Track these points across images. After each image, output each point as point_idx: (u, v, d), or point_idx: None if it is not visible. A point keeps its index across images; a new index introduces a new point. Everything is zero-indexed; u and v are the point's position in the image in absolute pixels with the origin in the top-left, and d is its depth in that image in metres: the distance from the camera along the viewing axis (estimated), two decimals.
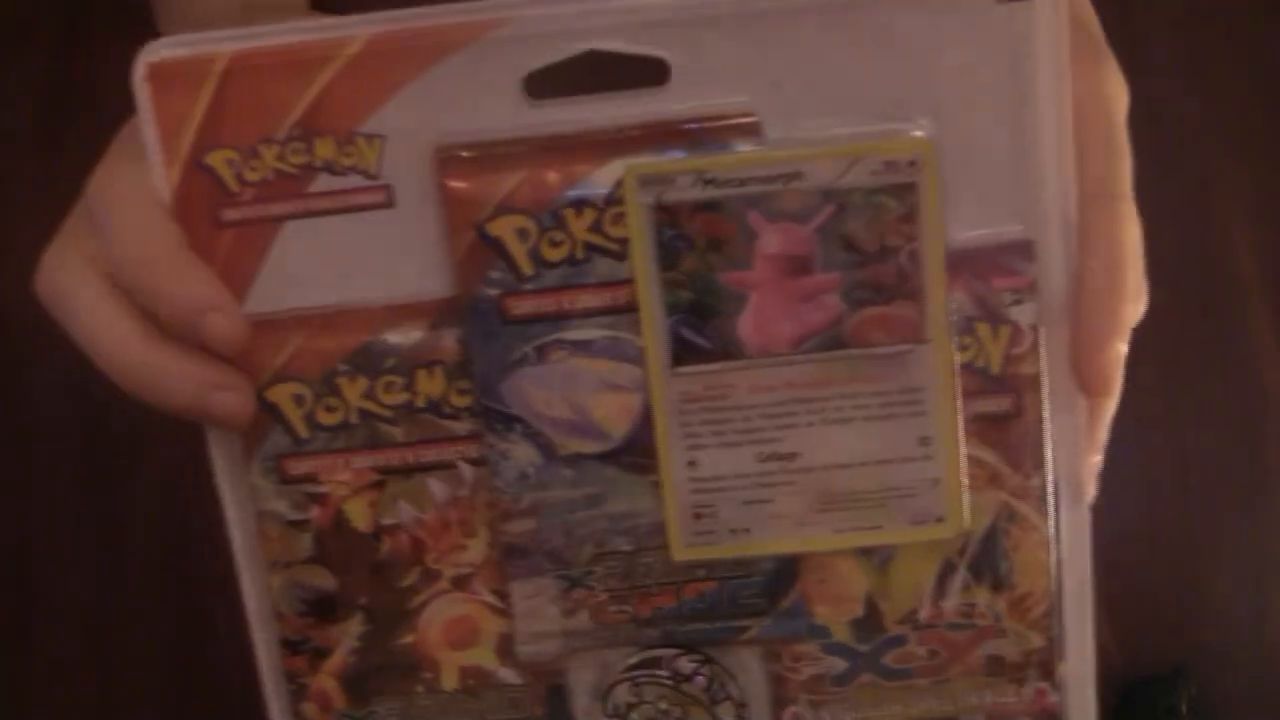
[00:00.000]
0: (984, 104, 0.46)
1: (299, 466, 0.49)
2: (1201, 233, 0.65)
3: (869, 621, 0.50)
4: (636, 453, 0.48)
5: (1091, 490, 0.50)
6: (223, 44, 0.46)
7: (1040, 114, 0.46)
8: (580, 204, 0.46)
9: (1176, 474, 0.77)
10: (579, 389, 0.48)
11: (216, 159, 0.47)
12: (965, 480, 0.48)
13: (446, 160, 0.46)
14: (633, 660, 0.51)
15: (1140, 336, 0.46)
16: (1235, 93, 0.61)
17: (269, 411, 0.49)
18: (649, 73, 0.46)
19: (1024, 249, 0.47)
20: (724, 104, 0.46)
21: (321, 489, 0.49)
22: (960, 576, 0.50)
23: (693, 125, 0.46)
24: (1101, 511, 0.48)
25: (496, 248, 0.47)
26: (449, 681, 0.51)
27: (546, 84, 0.46)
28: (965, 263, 0.47)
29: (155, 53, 0.46)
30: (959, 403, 0.48)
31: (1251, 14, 0.47)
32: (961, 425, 0.48)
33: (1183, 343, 0.51)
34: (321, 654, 0.51)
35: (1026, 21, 0.46)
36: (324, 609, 0.51)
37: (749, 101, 0.46)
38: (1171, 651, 0.73)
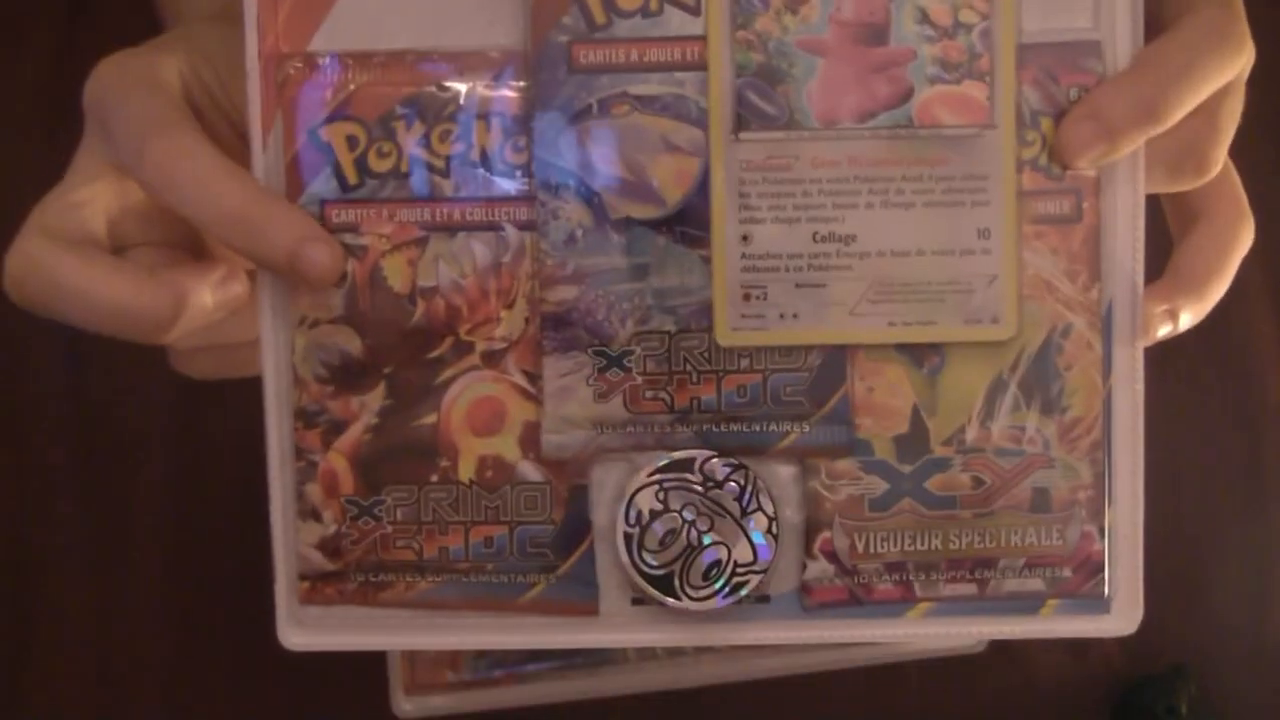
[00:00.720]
0: None
1: (342, 214, 0.48)
2: None
3: (914, 439, 0.48)
4: (690, 222, 0.47)
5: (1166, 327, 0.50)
6: None
7: None
8: None
9: (1176, 474, 0.77)
10: (639, 147, 0.47)
11: None
12: (1019, 282, 0.47)
13: None
14: (662, 461, 0.48)
15: None
16: None
17: (321, 151, 0.48)
18: None
19: (1092, 48, 0.47)
20: None
21: (362, 240, 0.48)
22: (1010, 395, 0.48)
23: None
24: None
25: None
26: (466, 471, 0.49)
27: None
28: (1034, 55, 0.47)
29: None
30: (1020, 198, 0.47)
31: (1253, 12, 0.49)
32: (1020, 222, 0.47)
33: (1182, 343, 0.51)
34: (337, 429, 0.48)
35: None
36: (347, 375, 0.48)
37: None
38: (1171, 651, 0.73)
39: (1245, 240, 0.51)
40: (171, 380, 0.54)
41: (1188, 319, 0.50)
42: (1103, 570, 0.49)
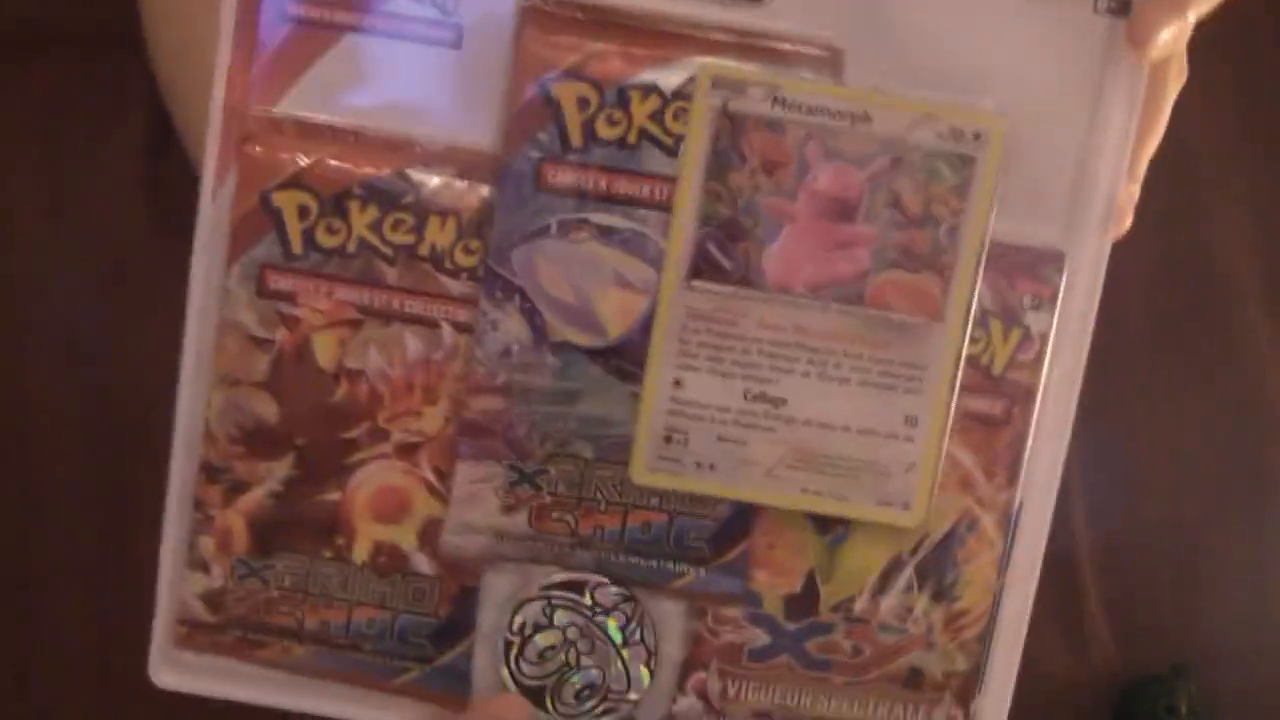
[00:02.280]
0: (1057, 107, 0.47)
1: (281, 282, 0.47)
2: (1200, 233, 0.66)
3: (804, 600, 0.49)
4: (627, 357, 0.47)
5: (1128, 221, 0.49)
6: None
7: (1108, 133, 0.47)
8: (648, 90, 0.46)
9: (1176, 474, 0.76)
10: (590, 276, 0.47)
11: None
12: (937, 474, 0.48)
13: (529, 11, 0.46)
14: (556, 578, 0.49)
15: (1139, 337, 0.47)
16: (1233, 94, 0.63)
17: (270, 216, 0.47)
18: None
19: (1055, 259, 0.47)
20: (812, 30, 0.46)
21: (295, 311, 0.47)
22: (906, 576, 0.49)
23: (778, 44, 0.46)
24: (1101, 511, 0.48)
25: (553, 110, 0.46)
26: (360, 553, 0.49)
27: None
28: (997, 255, 0.47)
29: None
30: (955, 393, 0.47)
31: (1249, 14, 0.49)
32: (950, 416, 0.48)
33: (1182, 343, 0.51)
34: (239, 489, 0.48)
35: (1118, 33, 0.47)
36: (258, 439, 0.48)
37: (836, 34, 0.46)
38: (1171, 651, 0.72)
39: None
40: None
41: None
42: None
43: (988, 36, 0.46)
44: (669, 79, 0.46)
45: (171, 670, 0.50)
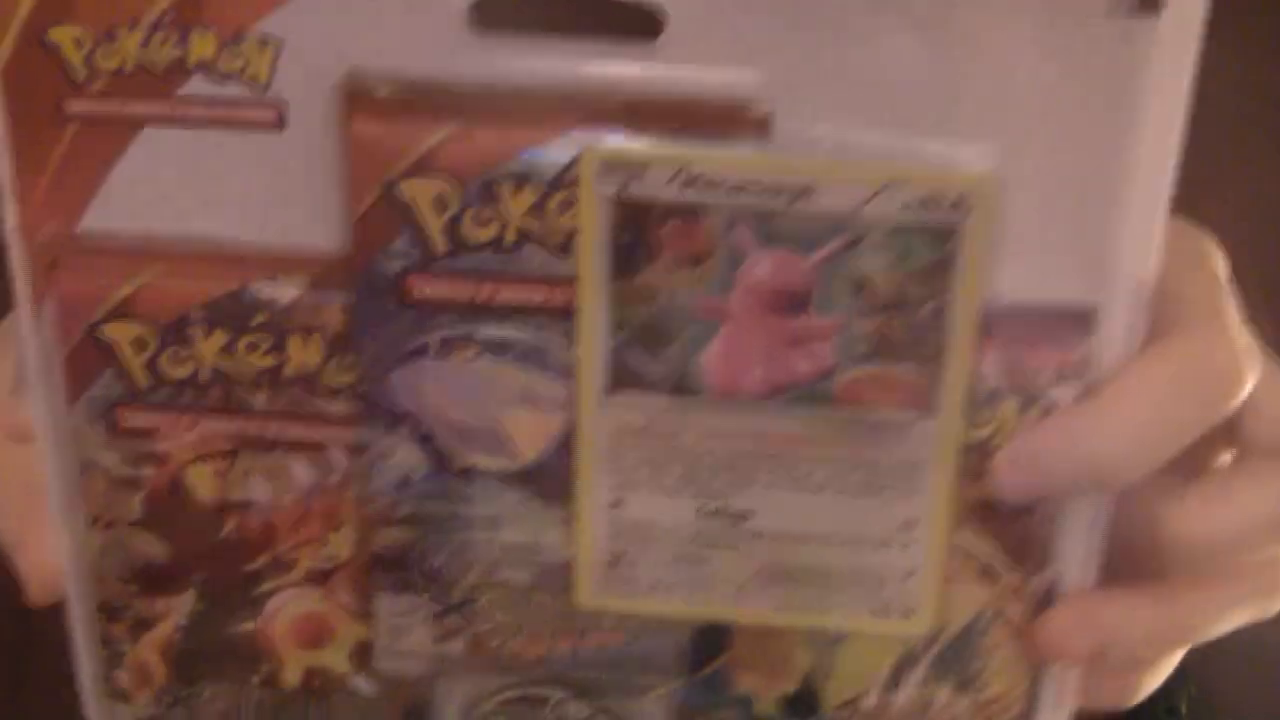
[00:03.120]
0: (1069, 135, 0.35)
1: (135, 419, 0.39)
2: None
3: (803, 700, 0.41)
4: (548, 480, 0.39)
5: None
6: None
7: (1141, 156, 0.35)
8: (521, 179, 0.35)
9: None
10: (488, 398, 0.38)
11: (63, 36, 0.36)
12: (944, 574, 0.39)
13: (357, 95, 0.35)
14: (511, 694, 0.42)
15: None
16: (1233, 93, 0.52)
17: (101, 351, 0.38)
18: (638, 22, 0.34)
19: (1081, 319, 0.36)
20: (728, 81, 0.34)
21: (160, 447, 0.40)
22: (922, 669, 0.41)
23: (682, 102, 0.35)
24: None
25: (405, 215, 0.36)
26: (291, 678, 0.43)
27: (499, 14, 0.35)
28: (1005, 324, 0.36)
29: None
30: (958, 488, 0.38)
31: (1248, 14, 0.40)
32: (955, 512, 0.38)
33: None
34: (145, 625, 0.42)
35: (1146, 40, 0.34)
36: (152, 579, 0.41)
37: (760, 83, 0.34)
38: None
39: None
40: None
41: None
42: None
43: (968, 60, 0.34)
44: (545, 164, 0.35)
45: None
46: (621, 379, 0.37)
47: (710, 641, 0.41)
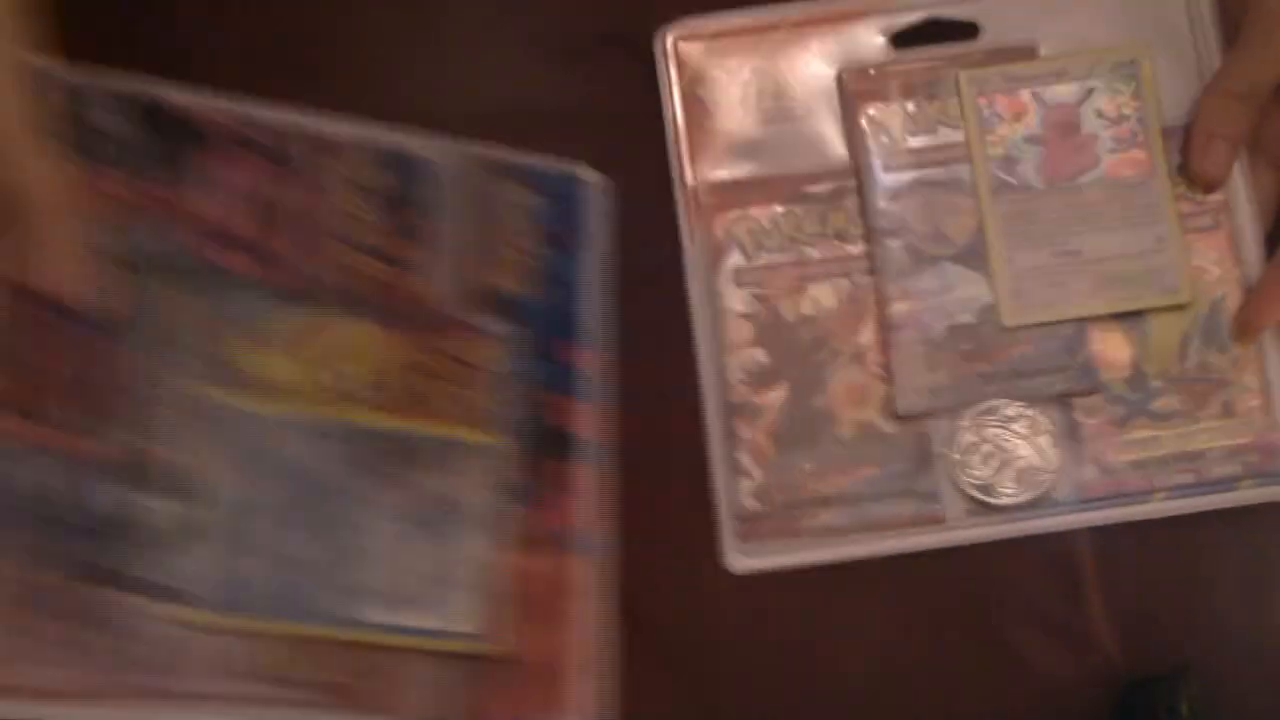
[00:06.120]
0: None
1: (749, 276, 0.74)
2: None
3: (1137, 379, 0.73)
4: (972, 255, 0.74)
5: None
6: None
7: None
8: (932, 94, 0.75)
9: None
10: (936, 211, 0.74)
11: None
12: (1188, 269, 0.74)
13: (850, 75, 0.76)
14: (980, 407, 0.73)
15: None
16: None
17: (732, 239, 0.74)
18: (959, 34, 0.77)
19: None
20: (1017, 43, 0.76)
21: (764, 291, 0.74)
22: (1196, 342, 0.73)
23: (1000, 49, 0.76)
24: None
25: (880, 127, 0.75)
26: (848, 432, 0.73)
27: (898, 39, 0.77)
28: (1171, 132, 0.75)
29: None
30: (1180, 217, 0.74)
31: None
32: (1181, 232, 0.74)
33: None
34: (757, 414, 0.73)
35: None
36: (761, 379, 0.74)
37: (1033, 40, 0.76)
38: (1171, 651, 0.74)
39: None
40: None
41: None
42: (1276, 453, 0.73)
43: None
44: (941, 86, 0.75)
45: (742, 559, 0.73)
46: (999, 188, 0.74)
47: (1077, 341, 0.74)
